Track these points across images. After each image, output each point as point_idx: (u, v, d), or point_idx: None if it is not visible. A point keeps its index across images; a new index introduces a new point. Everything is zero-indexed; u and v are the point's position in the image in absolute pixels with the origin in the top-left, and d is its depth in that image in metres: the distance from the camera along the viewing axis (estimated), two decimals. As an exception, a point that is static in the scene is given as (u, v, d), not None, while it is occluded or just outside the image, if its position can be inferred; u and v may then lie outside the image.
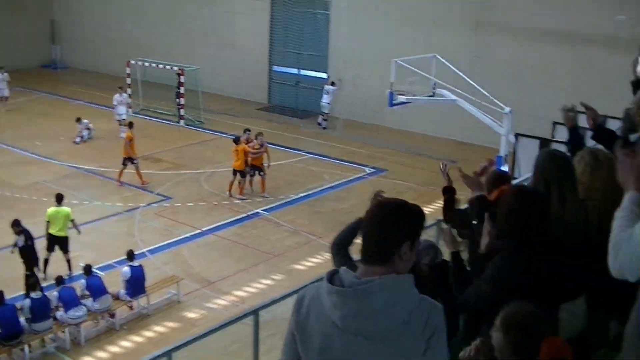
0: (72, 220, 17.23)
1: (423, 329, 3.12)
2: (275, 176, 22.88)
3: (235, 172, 22.01)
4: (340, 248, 5.28)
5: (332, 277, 3.24)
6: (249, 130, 22.99)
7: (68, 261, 17.09)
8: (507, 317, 3.71)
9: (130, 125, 23.92)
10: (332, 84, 30.86)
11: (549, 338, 3.63)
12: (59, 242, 17.10)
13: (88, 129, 28.05)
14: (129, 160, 23.01)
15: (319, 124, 30.47)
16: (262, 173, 22.27)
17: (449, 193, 6.53)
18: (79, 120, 28.05)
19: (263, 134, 22.68)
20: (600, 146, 5.38)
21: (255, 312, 8.35)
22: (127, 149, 22.89)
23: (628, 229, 3.31)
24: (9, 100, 32.68)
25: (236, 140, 22.25)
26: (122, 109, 29.03)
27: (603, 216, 4.83)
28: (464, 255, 5.49)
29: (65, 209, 17.25)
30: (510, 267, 4.62)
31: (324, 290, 3.23)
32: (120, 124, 28.37)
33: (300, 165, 21.51)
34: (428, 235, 6.04)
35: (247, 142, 22.28)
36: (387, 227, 3.23)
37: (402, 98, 22.46)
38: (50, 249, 17.06)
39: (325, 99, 30.27)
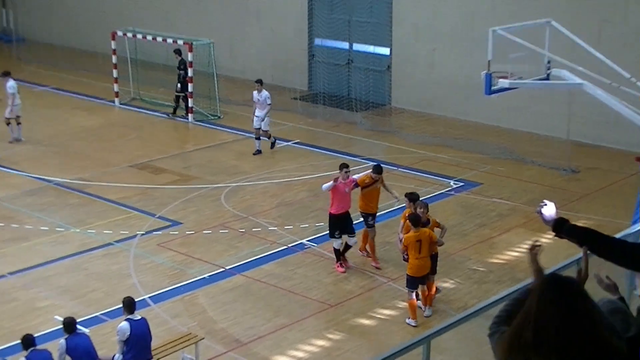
0: None
1: None
2: (325, 193, 22.32)
3: None
4: (500, 324, 5.11)
5: None
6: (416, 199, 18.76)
7: None
8: None
9: (377, 170, 20.16)
10: (259, 82, 27.60)
11: None
12: None
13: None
14: (369, 215, 20.08)
15: (258, 151, 27.12)
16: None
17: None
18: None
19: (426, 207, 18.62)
20: None
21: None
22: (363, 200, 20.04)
23: None
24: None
25: (413, 199, 18.59)
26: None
27: None
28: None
29: None
30: None
31: None
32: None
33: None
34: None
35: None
36: None
37: (504, 82, 21.82)
38: None
39: (257, 112, 27.08)
